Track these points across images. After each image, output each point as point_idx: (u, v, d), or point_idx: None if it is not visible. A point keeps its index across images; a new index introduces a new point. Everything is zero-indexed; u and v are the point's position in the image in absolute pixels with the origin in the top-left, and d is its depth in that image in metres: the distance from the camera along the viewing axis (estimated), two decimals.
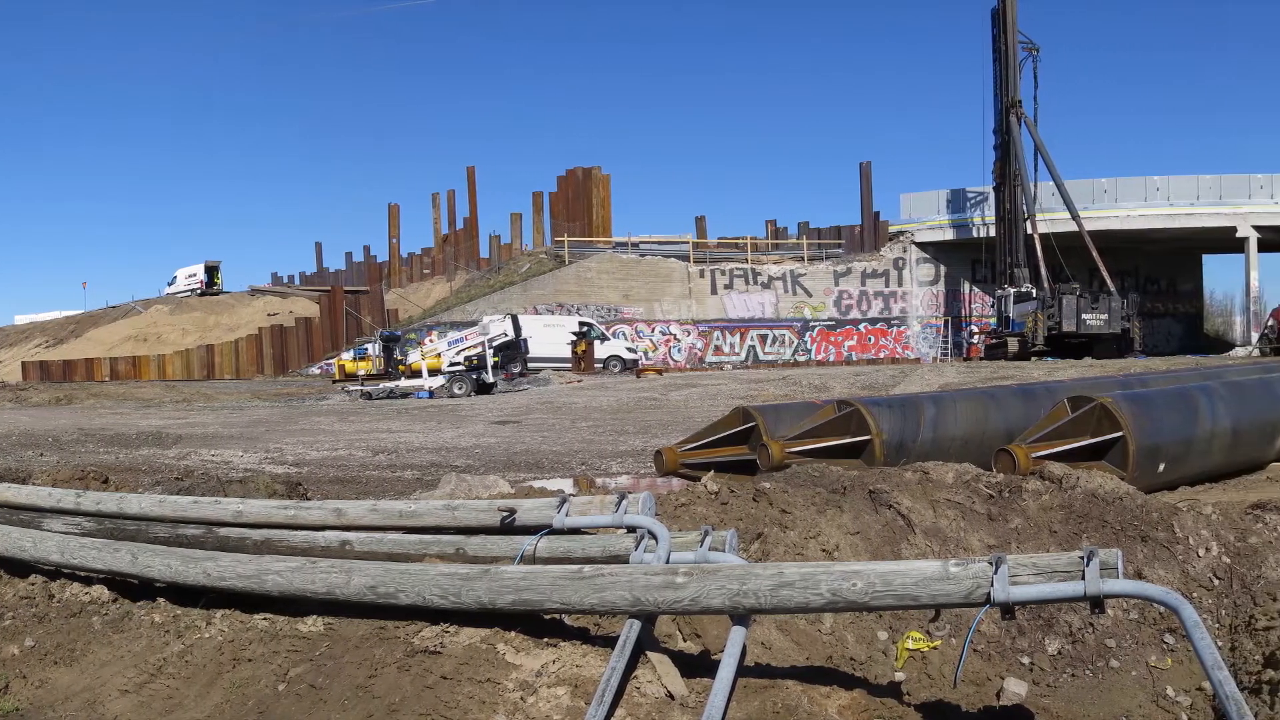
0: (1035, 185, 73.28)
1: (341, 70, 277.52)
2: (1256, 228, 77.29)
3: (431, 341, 56.53)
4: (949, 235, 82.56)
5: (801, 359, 77.69)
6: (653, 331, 76.60)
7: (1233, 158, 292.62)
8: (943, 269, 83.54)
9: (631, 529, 7.50)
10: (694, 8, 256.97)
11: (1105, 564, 5.88)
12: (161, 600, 8.22)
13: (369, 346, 64.94)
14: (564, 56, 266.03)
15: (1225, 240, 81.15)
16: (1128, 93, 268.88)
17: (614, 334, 71.78)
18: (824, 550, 8.39)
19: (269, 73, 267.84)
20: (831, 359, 77.92)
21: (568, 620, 6.73)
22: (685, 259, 78.99)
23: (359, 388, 51.44)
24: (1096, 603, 5.92)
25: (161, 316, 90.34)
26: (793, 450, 13.80)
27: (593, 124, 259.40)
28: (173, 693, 7.01)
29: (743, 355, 77.99)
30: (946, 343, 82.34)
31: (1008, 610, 6.00)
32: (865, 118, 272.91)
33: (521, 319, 53.38)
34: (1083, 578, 5.83)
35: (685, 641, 6.82)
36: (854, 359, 77.34)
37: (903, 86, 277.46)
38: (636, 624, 6.15)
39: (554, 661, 6.22)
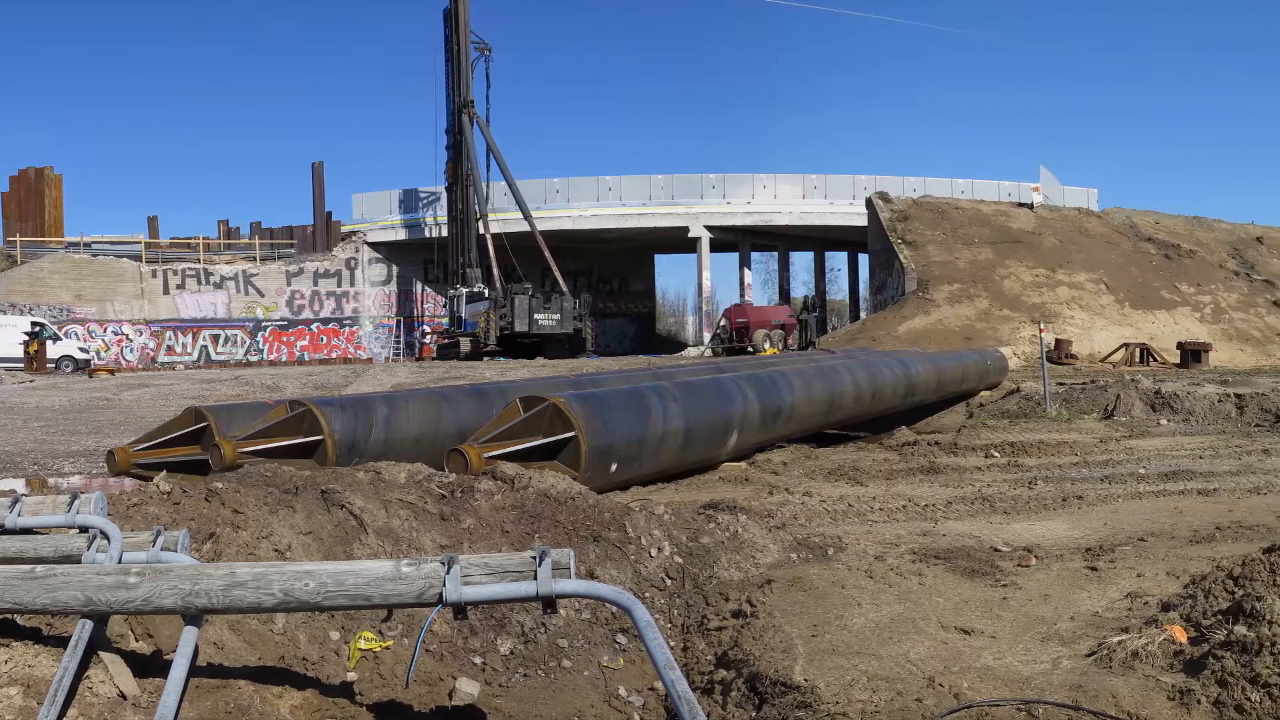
0: (488, 185, 74.27)
1: None
2: (709, 228, 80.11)
3: None
4: (401, 235, 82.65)
5: (254, 359, 76.59)
6: (105, 331, 74.41)
7: (686, 158, 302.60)
8: (395, 269, 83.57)
9: (84, 529, 7.30)
10: (143, 5, 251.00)
11: (557, 564, 5.94)
12: None
13: None
14: (15, 55, 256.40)
15: (678, 240, 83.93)
16: (582, 93, 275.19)
17: (67, 334, 69.39)
18: (277, 550, 8.28)
19: None
20: (284, 359, 77.05)
21: (20, 620, 6.47)
22: (138, 259, 77.02)
23: None
24: (549, 603, 5.98)
25: None
26: (245, 450, 13.58)
27: (46, 124, 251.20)
28: None
29: (195, 355, 76.42)
30: (399, 343, 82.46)
31: (460, 610, 6.01)
32: (318, 118, 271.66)
33: None
34: (535, 578, 5.89)
35: (138, 642, 6.63)
36: (307, 359, 76.64)
37: (356, 86, 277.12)
38: (89, 624, 5.95)
39: (6, 662, 5.97)
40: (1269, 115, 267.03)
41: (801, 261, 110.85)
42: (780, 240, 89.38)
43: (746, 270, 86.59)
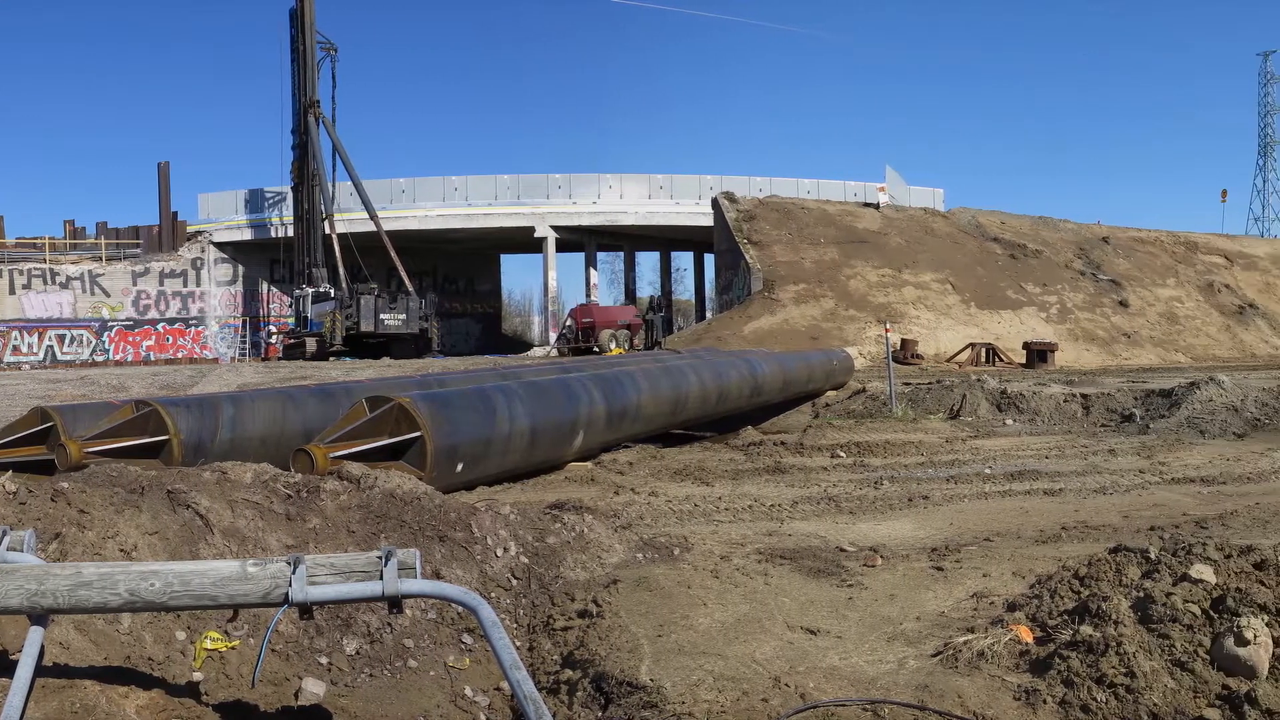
0: (334, 185, 73.61)
1: None
2: (554, 228, 79.86)
3: None
4: (247, 235, 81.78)
5: (100, 359, 75.45)
6: None
7: (532, 158, 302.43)
8: (241, 269, 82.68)
9: None
10: None
11: (403, 564, 5.98)
12: None
13: None
14: None
15: (524, 240, 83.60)
16: (429, 93, 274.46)
17: None
18: (122, 550, 8.23)
19: None
20: (130, 359, 75.92)
21: None
22: None
23: None
24: (395, 603, 6.03)
25: None
26: (91, 450, 13.50)
27: None
28: None
29: (41, 355, 75.07)
30: (245, 343, 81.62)
31: (306, 610, 6.04)
32: (164, 118, 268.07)
33: None
34: (381, 578, 5.93)
35: None
36: (153, 359, 75.68)
37: (202, 86, 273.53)
38: None
39: None
40: (1114, 115, 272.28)
41: (648, 261, 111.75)
42: (626, 240, 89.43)
43: (592, 270, 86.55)
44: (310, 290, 70.60)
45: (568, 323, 69.88)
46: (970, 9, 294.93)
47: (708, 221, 68.51)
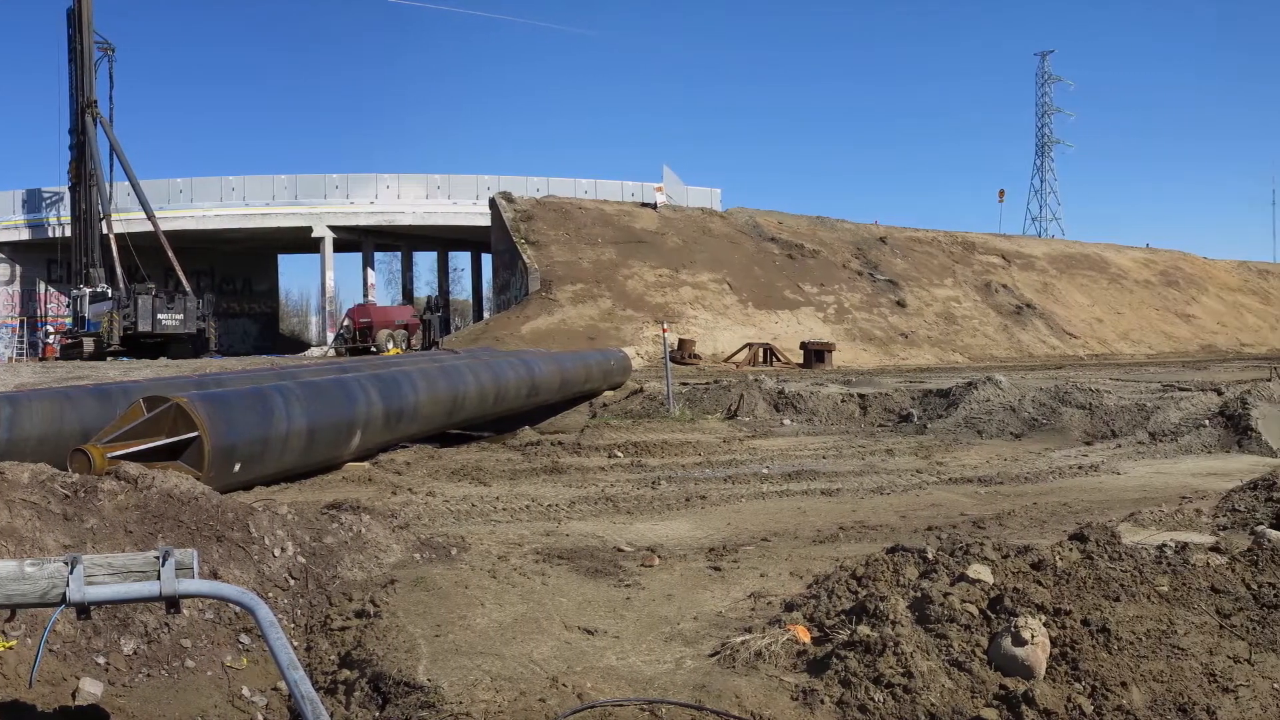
0: (111, 185, 72.61)
1: None
2: (332, 228, 79.87)
3: None
4: (25, 235, 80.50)
5: None
6: None
7: (311, 158, 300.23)
8: (19, 269, 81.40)
9: None
10: None
11: (181, 564, 6.02)
12: None
13: None
14: None
15: (302, 240, 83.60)
16: (207, 92, 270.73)
17: None
18: None
19: None
20: None
21: None
22: None
23: None
24: (172, 603, 6.06)
25: None
26: None
27: None
28: None
29: None
30: (23, 343, 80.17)
31: (84, 610, 6.05)
32: None
33: None
34: (158, 578, 5.95)
35: None
36: None
37: None
38: None
39: None
40: (892, 115, 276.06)
41: (425, 261, 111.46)
42: (404, 240, 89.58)
43: (370, 270, 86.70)
44: (88, 290, 69.48)
45: (345, 323, 69.56)
46: (745, 9, 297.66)
47: (485, 222, 68.83)
